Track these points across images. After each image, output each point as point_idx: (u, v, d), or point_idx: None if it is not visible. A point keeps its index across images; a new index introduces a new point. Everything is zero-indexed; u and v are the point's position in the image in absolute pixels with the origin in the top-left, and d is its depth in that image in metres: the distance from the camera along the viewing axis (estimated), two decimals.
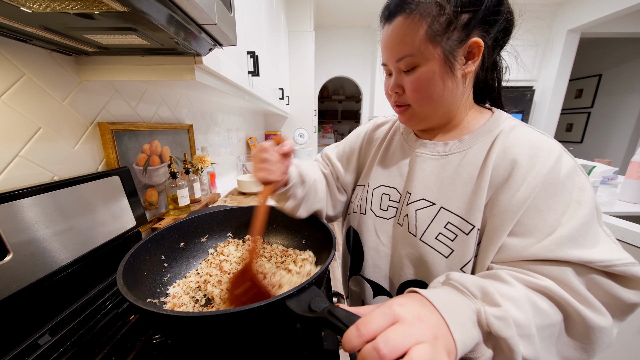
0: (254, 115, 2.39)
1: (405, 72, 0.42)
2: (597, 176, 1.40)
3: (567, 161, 0.36)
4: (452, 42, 0.37)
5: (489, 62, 0.43)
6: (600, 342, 0.30)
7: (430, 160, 0.46)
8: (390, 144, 0.55)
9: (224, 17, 0.51)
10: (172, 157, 0.92)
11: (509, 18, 0.40)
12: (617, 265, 0.31)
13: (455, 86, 0.40)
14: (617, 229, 0.92)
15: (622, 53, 3.39)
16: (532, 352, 0.27)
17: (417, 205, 0.45)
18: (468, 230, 0.39)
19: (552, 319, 0.30)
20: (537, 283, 0.31)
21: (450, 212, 0.41)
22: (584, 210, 0.33)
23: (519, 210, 0.35)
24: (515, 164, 0.37)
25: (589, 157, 3.40)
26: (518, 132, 0.40)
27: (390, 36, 0.41)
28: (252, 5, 1.17)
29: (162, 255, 0.48)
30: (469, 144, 0.43)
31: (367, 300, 0.55)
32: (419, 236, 0.43)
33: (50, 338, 0.43)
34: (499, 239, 0.36)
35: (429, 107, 0.43)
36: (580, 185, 0.35)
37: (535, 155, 0.36)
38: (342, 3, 2.86)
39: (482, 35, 0.38)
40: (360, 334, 0.22)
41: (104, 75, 0.62)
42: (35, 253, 0.47)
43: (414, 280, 0.46)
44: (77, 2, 0.33)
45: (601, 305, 0.31)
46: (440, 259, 0.41)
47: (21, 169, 0.51)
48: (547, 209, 0.34)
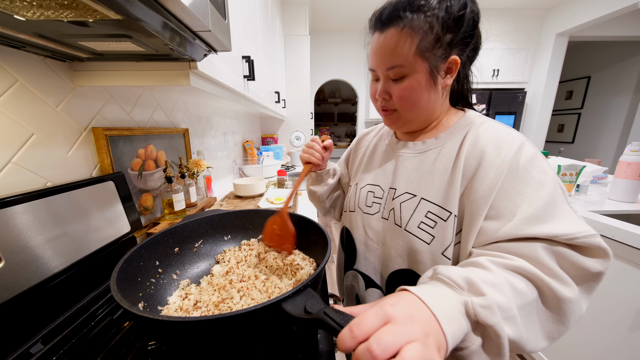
0: (250, 118, 2.39)
1: (394, 81, 0.45)
2: (587, 176, 1.42)
3: (528, 149, 0.40)
4: (437, 58, 0.42)
5: (462, 74, 0.48)
6: (572, 311, 0.33)
7: (411, 158, 0.51)
8: (375, 148, 0.62)
9: (218, 24, 0.51)
10: (167, 162, 0.92)
11: (478, 39, 0.46)
12: (578, 237, 0.33)
13: (436, 96, 0.46)
14: (607, 227, 0.94)
15: (610, 55, 3.48)
16: (516, 332, 0.29)
17: (402, 199, 0.49)
18: (446, 217, 0.43)
19: (529, 297, 0.32)
20: (512, 264, 0.34)
21: (429, 201, 0.45)
22: (546, 191, 0.37)
23: (491, 195, 0.38)
24: (484, 154, 0.41)
25: (580, 157, 3.46)
26: (485, 127, 0.44)
27: (383, 45, 0.44)
28: (247, 10, 1.19)
29: (157, 260, 0.48)
30: (444, 140, 0.48)
31: (360, 292, 0.58)
32: (404, 226, 0.47)
33: (42, 347, 0.43)
34: (476, 224, 0.39)
35: (413, 113, 0.47)
36: (541, 168, 0.38)
37: (500, 145, 0.40)
38: (336, 8, 2.90)
39: (459, 54, 0.43)
40: (353, 335, 0.23)
41: (98, 81, 0.62)
42: (28, 260, 0.46)
43: (402, 270, 0.48)
44: (71, 10, 0.34)
45: (568, 277, 0.33)
46: (423, 245, 0.44)
47: (14, 176, 0.51)
48: (514, 191, 0.38)
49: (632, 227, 0.90)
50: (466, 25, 0.41)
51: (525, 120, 3.34)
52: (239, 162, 1.77)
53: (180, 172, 0.98)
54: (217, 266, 0.53)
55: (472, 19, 0.42)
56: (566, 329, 0.33)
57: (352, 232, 0.58)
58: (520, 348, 0.31)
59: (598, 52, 3.60)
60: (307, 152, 0.62)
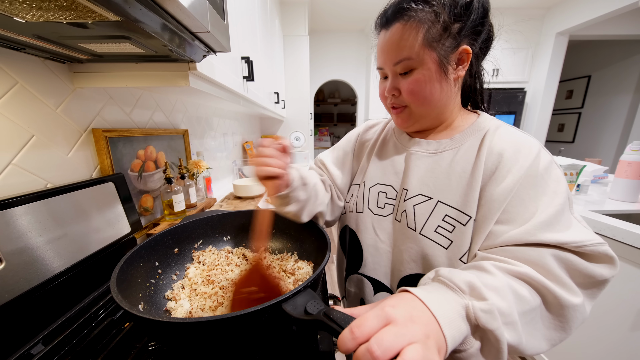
0: (250, 119, 2.39)
1: (402, 75, 0.44)
2: (588, 175, 1.42)
3: (545, 156, 0.40)
4: (446, 48, 0.41)
5: (475, 68, 0.47)
6: (574, 318, 0.33)
7: (424, 157, 0.48)
8: (383, 143, 0.57)
9: (217, 25, 0.51)
10: (167, 163, 0.92)
11: (490, 30, 0.45)
12: (587, 245, 0.33)
13: (448, 88, 0.44)
14: (607, 227, 0.94)
15: (610, 54, 3.47)
16: (516, 338, 0.29)
17: (415, 201, 0.46)
18: (465, 221, 0.41)
19: (531, 304, 0.32)
20: (516, 270, 0.33)
21: (447, 205, 0.43)
22: (559, 199, 0.37)
23: (505, 200, 0.38)
24: (502, 158, 0.40)
25: (580, 156, 3.46)
26: (503, 130, 0.44)
27: (388, 41, 0.43)
28: (246, 11, 1.19)
29: (156, 261, 0.48)
30: (460, 142, 0.46)
31: (367, 298, 0.55)
32: (419, 230, 0.45)
33: (43, 347, 0.43)
34: (487, 227, 0.39)
35: (425, 107, 0.45)
36: (556, 177, 0.38)
37: (519, 150, 0.40)
38: (336, 8, 2.89)
39: (471, 44, 0.42)
40: (354, 337, 0.23)
41: (98, 82, 0.63)
42: (29, 261, 0.46)
43: (414, 274, 0.47)
44: (70, 12, 0.34)
45: (573, 284, 0.33)
46: (440, 250, 0.43)
47: (14, 177, 0.51)
48: (528, 198, 0.37)
49: (632, 226, 0.90)
50: (475, 13, 0.40)
51: (525, 119, 3.34)
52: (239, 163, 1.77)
53: (180, 173, 0.98)
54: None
55: (482, 7, 0.41)
56: (567, 335, 0.33)
57: (360, 235, 0.55)
58: (518, 352, 0.31)
59: (598, 51, 3.60)
60: (260, 163, 0.42)
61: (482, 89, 0.51)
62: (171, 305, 0.43)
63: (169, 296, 0.45)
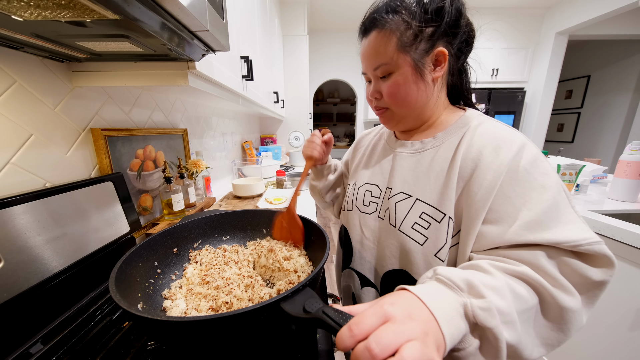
0: (249, 118, 2.39)
1: (382, 79, 0.47)
2: (587, 175, 1.42)
3: (529, 150, 0.38)
4: (420, 51, 0.43)
5: (455, 68, 0.48)
6: (574, 321, 0.32)
7: (408, 157, 0.50)
8: (374, 148, 0.62)
9: (216, 24, 0.51)
10: (166, 162, 0.92)
11: (469, 30, 0.46)
12: (582, 244, 0.32)
13: (426, 89, 0.46)
14: (607, 227, 0.94)
15: (610, 54, 3.48)
16: (515, 337, 0.29)
17: (397, 198, 0.49)
18: (440, 219, 0.42)
19: (529, 303, 0.32)
20: (514, 269, 0.33)
21: (424, 202, 0.44)
22: (548, 194, 0.35)
23: (489, 198, 0.37)
24: (481, 155, 0.40)
25: (579, 156, 3.46)
26: (484, 126, 0.43)
27: (367, 48, 0.47)
28: (246, 10, 1.18)
29: (155, 261, 0.48)
30: (441, 140, 0.47)
31: (356, 291, 0.58)
32: (398, 226, 0.47)
33: (42, 346, 0.43)
34: (475, 228, 0.38)
35: (404, 108, 0.48)
36: (544, 170, 0.37)
37: (499, 146, 0.39)
38: (335, 8, 2.90)
39: (446, 45, 0.44)
40: (352, 334, 0.23)
41: (96, 82, 0.62)
42: (27, 261, 0.46)
43: (396, 270, 0.48)
44: (68, 10, 0.34)
45: (571, 287, 0.32)
46: (416, 246, 0.44)
47: (12, 176, 0.51)
48: (514, 194, 0.36)
49: (632, 226, 0.90)
50: (448, 16, 0.42)
51: (525, 119, 3.34)
52: (238, 163, 1.77)
53: (179, 172, 0.98)
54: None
55: (456, 9, 0.42)
56: (566, 338, 0.33)
57: (349, 231, 0.59)
58: (517, 354, 0.30)
59: (598, 51, 3.60)
60: (308, 146, 0.64)
61: (468, 87, 0.51)
62: (167, 304, 0.43)
63: (166, 295, 0.45)
